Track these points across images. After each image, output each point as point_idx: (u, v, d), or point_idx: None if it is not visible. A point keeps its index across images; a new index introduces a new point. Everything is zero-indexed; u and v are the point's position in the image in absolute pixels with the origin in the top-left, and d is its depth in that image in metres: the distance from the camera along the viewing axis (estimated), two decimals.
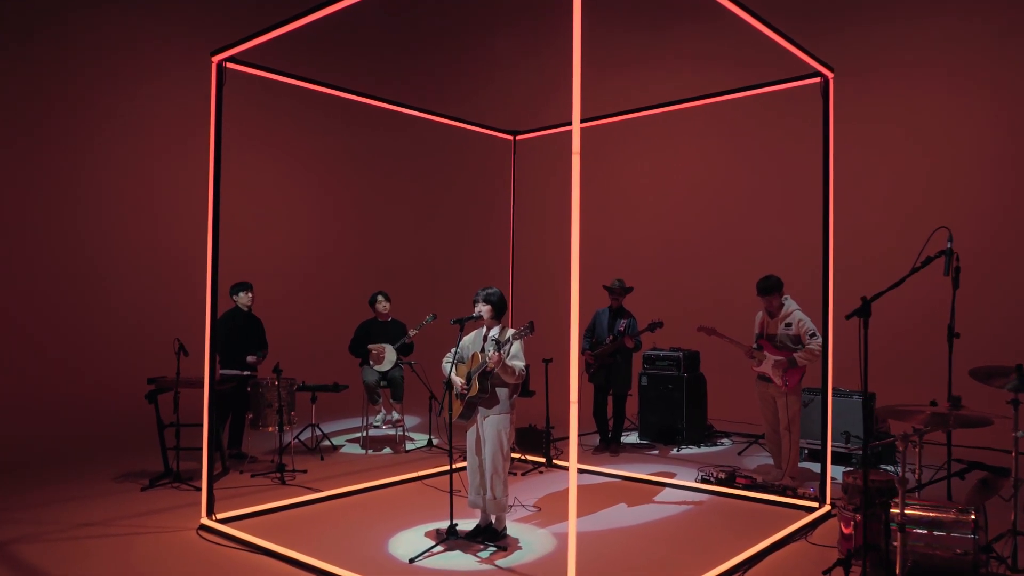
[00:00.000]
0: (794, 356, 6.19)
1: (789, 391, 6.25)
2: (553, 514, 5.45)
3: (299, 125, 11.26)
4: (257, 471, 6.70)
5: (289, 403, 6.82)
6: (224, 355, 7.05)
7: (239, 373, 6.97)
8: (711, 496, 5.99)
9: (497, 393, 4.77)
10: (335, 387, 7.56)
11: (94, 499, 5.81)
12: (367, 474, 6.65)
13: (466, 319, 4.81)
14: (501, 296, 4.93)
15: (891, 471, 6.78)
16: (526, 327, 4.53)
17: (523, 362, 4.78)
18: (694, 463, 7.19)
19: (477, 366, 4.72)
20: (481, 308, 4.87)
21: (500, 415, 4.77)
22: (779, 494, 5.81)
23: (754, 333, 6.60)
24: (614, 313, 7.70)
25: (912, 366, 8.34)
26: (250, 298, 7.26)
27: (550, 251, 11.28)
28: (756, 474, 6.48)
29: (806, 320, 6.26)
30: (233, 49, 4.92)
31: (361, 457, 7.43)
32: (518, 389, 4.91)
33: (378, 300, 7.97)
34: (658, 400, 8.28)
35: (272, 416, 6.69)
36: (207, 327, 5.16)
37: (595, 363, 7.62)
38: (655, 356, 8.42)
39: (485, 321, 4.91)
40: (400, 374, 7.77)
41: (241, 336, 7.17)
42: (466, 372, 4.84)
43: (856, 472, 4.49)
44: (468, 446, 4.94)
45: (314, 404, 7.54)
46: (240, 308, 7.26)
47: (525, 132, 7.56)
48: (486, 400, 4.76)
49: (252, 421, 6.78)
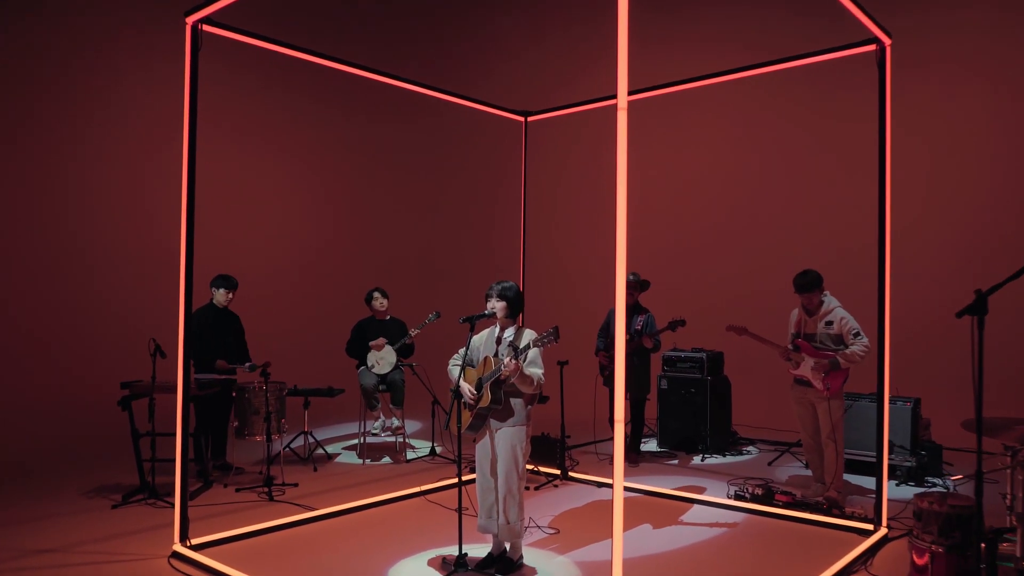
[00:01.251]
0: (837, 357, 5.58)
1: (831, 396, 5.63)
2: (573, 537, 4.84)
3: (289, 110, 10.57)
4: (243, 484, 6.09)
5: (278, 409, 6.20)
6: (197, 358, 6.41)
7: (217, 377, 6.35)
8: (747, 515, 5.37)
9: (511, 403, 4.16)
10: (329, 391, 6.95)
11: (59, 519, 5.19)
12: (364, 488, 6.04)
13: (477, 317, 4.19)
14: (518, 292, 4.32)
15: (941, 485, 6.16)
16: (550, 334, 3.91)
17: (542, 369, 4.17)
18: (721, 475, 6.57)
19: (489, 372, 4.10)
20: (495, 305, 4.25)
21: (515, 427, 4.16)
22: (824, 513, 5.19)
23: (789, 333, 5.98)
24: (630, 310, 7.08)
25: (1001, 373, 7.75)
26: (228, 296, 6.61)
27: (563, 243, 10.68)
28: (794, 488, 5.87)
29: (849, 318, 5.64)
30: (209, 8, 4.30)
31: (358, 468, 6.81)
32: (535, 398, 4.29)
33: (374, 297, 7.35)
34: (679, 405, 7.66)
35: (259, 424, 6.07)
36: (180, 326, 4.54)
37: (610, 365, 6.99)
38: (676, 357, 7.80)
39: (498, 320, 4.30)
40: (400, 377, 7.15)
41: (215, 336, 6.51)
42: (476, 378, 4.22)
43: (932, 496, 3.87)
44: (478, 462, 4.32)
45: (307, 410, 6.92)
46: (215, 305, 6.61)
47: (537, 113, 6.93)
48: (499, 411, 4.15)
49: (237, 429, 6.16)
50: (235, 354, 6.65)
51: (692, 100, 9.16)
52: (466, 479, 5.86)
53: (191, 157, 4.45)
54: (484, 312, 4.24)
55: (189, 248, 4.46)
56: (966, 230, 8.09)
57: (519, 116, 6.96)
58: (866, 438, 6.48)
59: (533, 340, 3.97)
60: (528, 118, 6.98)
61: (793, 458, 7.15)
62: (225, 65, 9.57)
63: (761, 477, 6.40)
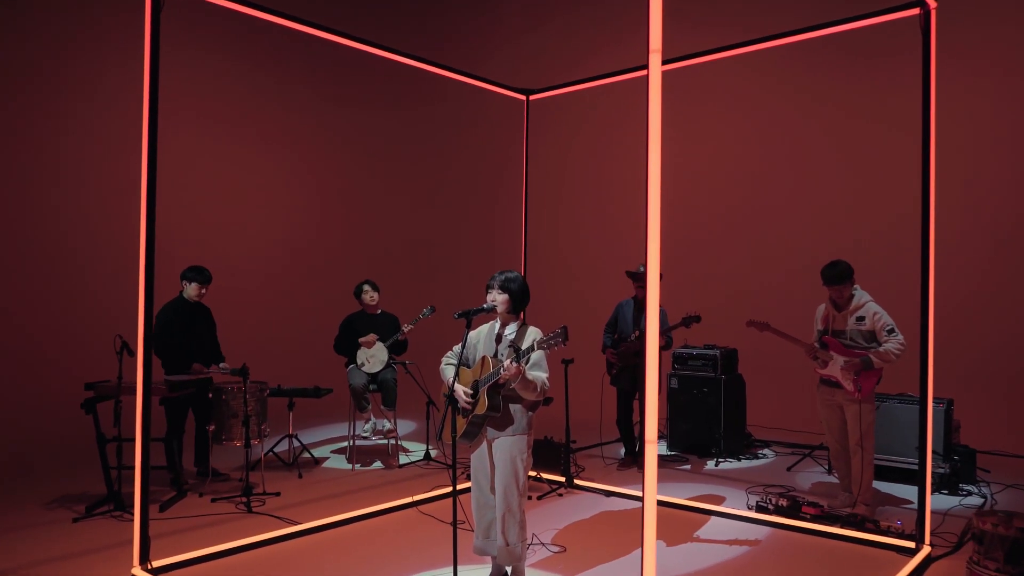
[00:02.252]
0: (869, 356, 5.09)
1: (862, 398, 5.14)
2: (581, 556, 4.35)
3: (274, 93, 9.97)
4: (221, 493, 5.60)
5: (259, 412, 5.71)
6: (167, 356, 5.93)
7: (191, 378, 5.86)
8: (771, 529, 4.89)
9: (511, 410, 3.67)
10: (316, 391, 6.46)
11: (15, 535, 4.71)
12: (351, 498, 5.55)
13: (474, 312, 3.69)
14: (523, 285, 3.82)
15: (978, 493, 5.68)
16: (557, 334, 3.41)
17: (546, 373, 3.68)
18: (737, 482, 6.09)
19: (487, 375, 3.61)
20: (496, 298, 3.76)
21: (515, 437, 3.68)
22: (857, 527, 4.71)
23: (816, 329, 5.50)
24: (640, 305, 6.59)
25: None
26: (201, 291, 6.10)
27: (568, 232, 10.17)
28: (817, 497, 5.39)
29: (882, 313, 5.16)
30: None
31: (346, 474, 6.32)
32: (538, 405, 3.80)
33: (364, 290, 6.86)
34: (690, 405, 7.18)
35: (238, 428, 5.58)
36: (140, 321, 4.05)
37: (618, 363, 6.50)
38: (687, 355, 7.31)
39: (499, 315, 3.81)
40: (392, 376, 6.66)
41: (185, 332, 6.01)
42: (472, 380, 3.73)
43: (995, 516, 3.38)
44: (473, 475, 3.84)
45: (291, 411, 6.44)
46: (185, 299, 6.10)
47: (540, 91, 6.42)
48: (496, 419, 3.67)
49: (215, 434, 5.67)
50: (208, 351, 6.15)
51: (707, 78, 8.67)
52: (462, 487, 5.39)
53: (151, 132, 3.95)
54: (483, 306, 3.75)
55: (150, 236, 3.96)
56: (1004, 221, 7.56)
57: (521, 95, 6.46)
58: (896, 442, 6.01)
59: (538, 341, 3.47)
60: (530, 96, 6.47)
61: (814, 462, 6.67)
62: (204, 45, 9.07)
63: (782, 485, 5.92)
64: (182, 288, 6.11)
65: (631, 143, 9.76)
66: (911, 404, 6.01)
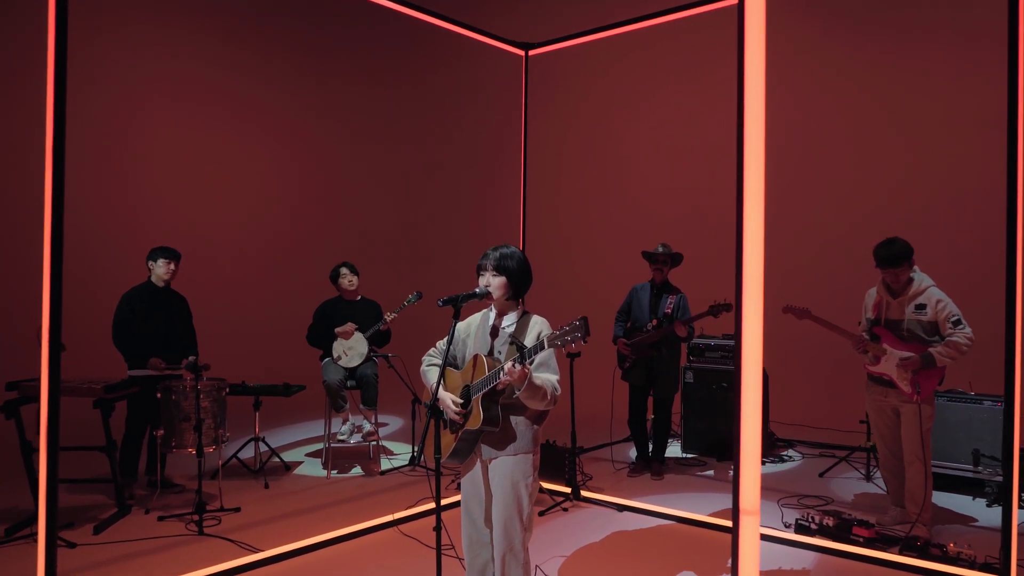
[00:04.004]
0: (931, 351, 4.32)
1: (921, 400, 4.38)
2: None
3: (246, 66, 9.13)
4: (171, 509, 4.83)
5: (215, 414, 4.91)
6: (127, 350, 5.17)
7: (154, 374, 5.08)
8: (817, 554, 4.13)
9: (512, 424, 2.89)
10: (284, 389, 5.67)
11: None
12: (323, 514, 4.78)
13: (463, 298, 2.89)
14: (523, 262, 3.01)
15: None
16: (576, 327, 2.58)
17: (557, 375, 2.90)
18: (767, 491, 5.34)
19: (481, 379, 2.82)
20: (490, 280, 2.96)
21: (517, 456, 2.89)
22: (922, 554, 3.95)
23: (864, 318, 4.73)
24: (658, 289, 5.81)
25: None
26: (170, 268, 5.32)
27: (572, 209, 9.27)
28: (864, 512, 4.64)
29: (947, 301, 4.38)
30: None
31: (320, 483, 5.55)
32: (546, 416, 3.01)
33: (342, 273, 6.05)
34: (707, 402, 6.42)
35: (190, 433, 4.78)
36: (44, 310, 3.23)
37: (632, 355, 5.72)
38: (703, 345, 6.54)
39: (494, 301, 3.01)
40: (373, 371, 5.87)
41: (153, 321, 5.25)
42: (462, 385, 2.94)
43: None
44: (464, 505, 3.06)
45: (258, 412, 5.66)
46: (154, 283, 5.33)
47: (540, 44, 5.60)
48: (494, 434, 2.88)
49: (164, 440, 4.87)
50: (178, 344, 5.37)
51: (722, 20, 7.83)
52: (447, 503, 4.62)
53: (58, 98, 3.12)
54: (475, 291, 2.94)
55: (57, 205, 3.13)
56: None
57: (519, 49, 5.63)
58: (949, 447, 5.27)
59: (549, 336, 2.66)
60: (530, 52, 5.64)
61: (849, 466, 5.91)
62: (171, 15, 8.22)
63: (818, 496, 5.16)
64: (149, 272, 5.33)
65: (646, 106, 8.93)
66: (962, 402, 5.27)
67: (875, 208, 7.47)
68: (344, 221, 9.74)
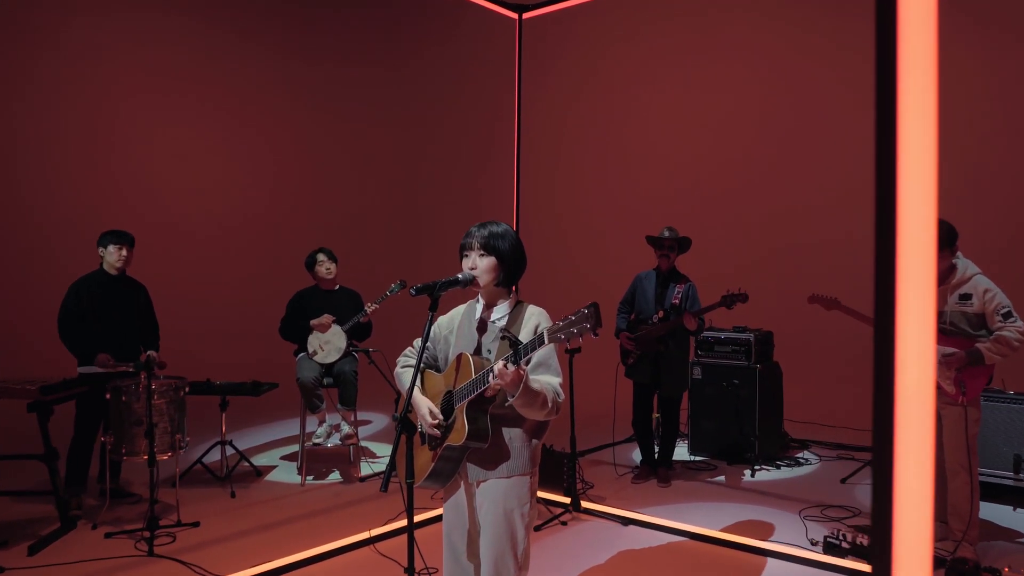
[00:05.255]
0: (978, 347, 3.82)
1: (967, 402, 3.87)
2: None
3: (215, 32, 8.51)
4: (122, 523, 4.30)
5: (173, 417, 4.38)
6: (79, 345, 4.62)
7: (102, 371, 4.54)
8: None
9: (505, 439, 2.36)
10: (254, 388, 5.14)
11: None
12: (292, 529, 4.26)
13: (441, 285, 2.35)
14: (516, 241, 2.48)
15: None
16: (584, 315, 2.03)
17: (560, 377, 2.37)
18: (785, 500, 4.84)
19: (467, 383, 2.30)
20: (477, 263, 2.42)
21: (511, 479, 2.37)
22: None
23: None
24: (664, 278, 5.29)
25: None
26: (122, 255, 4.77)
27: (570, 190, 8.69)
28: None
29: (996, 291, 3.87)
30: None
31: (293, 491, 5.03)
32: (546, 427, 2.49)
33: (318, 260, 5.50)
34: (717, 400, 5.91)
35: (143, 439, 4.23)
36: None
37: (637, 350, 5.20)
38: (712, 339, 6.03)
39: (481, 289, 2.47)
40: (352, 368, 5.33)
41: (105, 314, 4.71)
42: (443, 391, 2.42)
43: None
44: (446, 536, 2.53)
45: (224, 412, 5.12)
46: (106, 271, 4.78)
47: (536, 6, 5.05)
48: (482, 451, 2.35)
49: (113, 446, 4.33)
50: (137, 339, 4.83)
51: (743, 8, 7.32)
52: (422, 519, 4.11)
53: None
54: (457, 277, 2.41)
55: None
56: None
57: (512, 12, 5.08)
58: (986, 451, 4.77)
59: (549, 329, 2.13)
60: (524, 14, 5.09)
61: None
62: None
63: (843, 506, 4.66)
64: (101, 259, 4.78)
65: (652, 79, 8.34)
66: (1000, 402, 4.78)
67: None
68: (322, 204, 9.14)
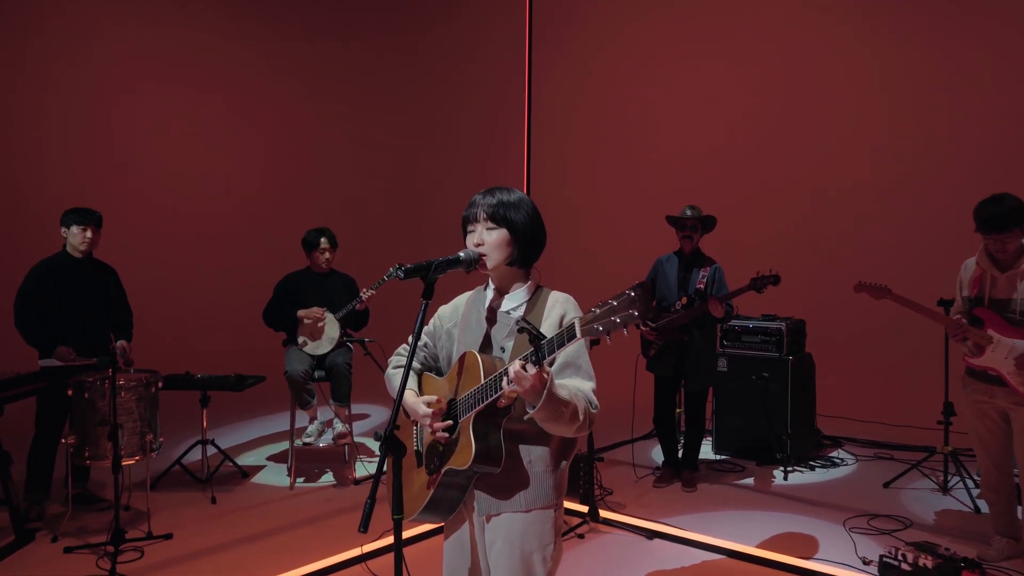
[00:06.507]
0: None
1: None
2: None
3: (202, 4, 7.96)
4: (86, 534, 3.86)
5: (143, 416, 3.91)
6: (37, 335, 4.15)
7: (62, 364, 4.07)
8: None
9: (523, 461, 1.88)
10: (236, 382, 4.68)
11: None
12: (276, 541, 3.81)
13: (438, 266, 1.85)
14: (532, 211, 1.98)
15: None
16: (630, 299, 1.54)
17: (592, 381, 1.87)
18: (824, 507, 4.37)
19: (473, 390, 1.81)
20: (484, 238, 1.93)
21: (531, 513, 1.88)
22: None
23: (960, 297, 3.73)
24: (687, 261, 4.79)
25: None
26: (86, 236, 4.27)
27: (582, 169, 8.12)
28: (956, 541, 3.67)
29: None
30: None
31: (281, 496, 4.57)
32: (574, 446, 1.99)
33: (320, 245, 4.97)
34: (744, 394, 5.42)
35: (106, 441, 3.76)
36: None
37: (657, 340, 4.72)
38: (739, 328, 5.55)
39: (490, 271, 1.96)
40: (345, 360, 4.85)
41: (69, 301, 4.22)
42: (445, 398, 1.93)
43: None
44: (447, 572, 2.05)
45: (205, 408, 4.66)
46: (70, 253, 4.29)
47: None
48: (495, 478, 1.86)
49: (75, 450, 3.86)
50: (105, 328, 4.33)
51: None
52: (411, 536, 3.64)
53: None
54: (458, 255, 1.91)
55: None
56: None
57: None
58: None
59: (582, 320, 1.62)
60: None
61: (920, 474, 4.93)
62: None
63: (894, 516, 4.18)
64: (64, 240, 4.29)
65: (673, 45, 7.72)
66: None
67: (972, 158, 6.27)
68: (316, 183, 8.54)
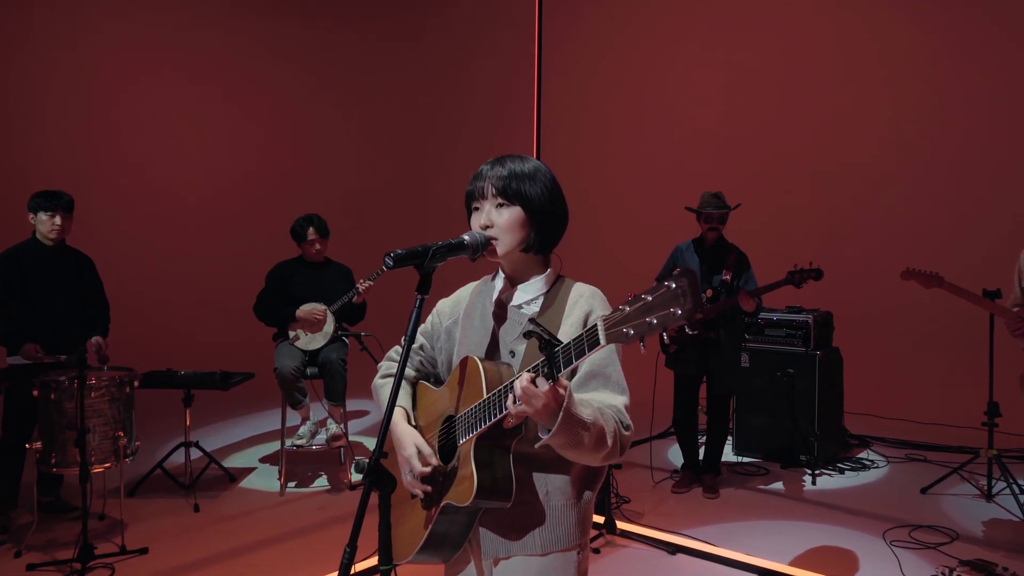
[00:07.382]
0: None
1: None
2: None
3: None
4: (53, 548, 3.52)
5: (118, 419, 3.56)
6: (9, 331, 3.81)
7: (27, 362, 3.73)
8: None
9: (539, 494, 1.51)
10: (222, 380, 4.33)
11: None
12: (261, 557, 3.47)
13: (434, 252, 1.48)
14: (551, 184, 1.60)
15: None
16: (672, 292, 1.15)
17: (625, 396, 1.50)
18: (859, 516, 4.02)
19: (475, 405, 1.44)
20: (493, 218, 1.56)
21: (547, 557, 1.52)
22: None
23: (1017, 288, 3.36)
24: (709, 252, 4.42)
25: None
26: (55, 223, 3.90)
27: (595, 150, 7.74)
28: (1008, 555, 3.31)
29: None
30: None
31: (269, 503, 4.23)
32: (599, 475, 1.62)
33: (309, 235, 4.62)
34: (768, 392, 5.06)
35: (74, 447, 3.41)
36: None
37: (678, 337, 4.35)
38: (763, 321, 5.18)
39: (501, 258, 1.59)
40: (340, 356, 4.50)
41: (38, 293, 3.88)
42: (443, 415, 1.57)
43: None
44: None
45: (189, 408, 4.32)
46: (38, 240, 3.94)
47: None
48: (504, 514, 1.50)
49: (41, 456, 3.52)
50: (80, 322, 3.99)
51: None
52: None
53: None
54: (461, 238, 1.53)
55: None
56: None
57: None
58: None
59: (608, 319, 1.24)
60: None
61: (960, 479, 4.56)
62: None
63: (937, 527, 3.82)
64: (33, 227, 3.93)
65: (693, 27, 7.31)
66: None
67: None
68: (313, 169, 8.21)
